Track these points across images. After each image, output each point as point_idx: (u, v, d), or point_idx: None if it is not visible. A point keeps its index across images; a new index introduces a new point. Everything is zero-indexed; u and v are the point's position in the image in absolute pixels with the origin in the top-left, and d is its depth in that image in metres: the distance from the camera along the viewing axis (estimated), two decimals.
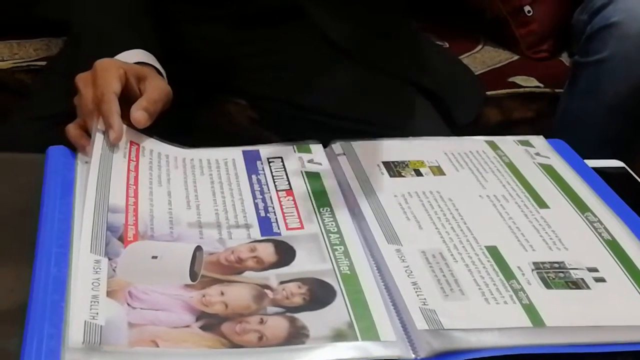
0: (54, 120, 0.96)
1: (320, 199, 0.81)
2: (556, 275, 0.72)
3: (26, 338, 0.61)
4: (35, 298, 0.65)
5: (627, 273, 0.73)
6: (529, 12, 1.70)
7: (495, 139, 0.95)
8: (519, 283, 0.71)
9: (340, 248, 0.74)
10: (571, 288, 0.71)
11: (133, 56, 0.92)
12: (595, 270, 0.73)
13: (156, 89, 0.88)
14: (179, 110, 0.91)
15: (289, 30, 1.12)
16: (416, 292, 0.68)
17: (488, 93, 1.56)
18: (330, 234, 0.76)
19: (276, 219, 0.78)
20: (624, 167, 0.94)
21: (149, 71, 0.91)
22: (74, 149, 0.85)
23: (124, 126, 0.83)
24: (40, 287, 0.66)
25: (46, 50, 1.57)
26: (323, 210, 0.80)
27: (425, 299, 0.68)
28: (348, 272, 0.70)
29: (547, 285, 0.71)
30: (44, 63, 1.52)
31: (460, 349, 0.62)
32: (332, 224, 0.78)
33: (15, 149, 0.89)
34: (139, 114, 0.84)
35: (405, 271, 0.71)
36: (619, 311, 0.68)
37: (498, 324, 0.65)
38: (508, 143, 0.94)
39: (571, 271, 0.73)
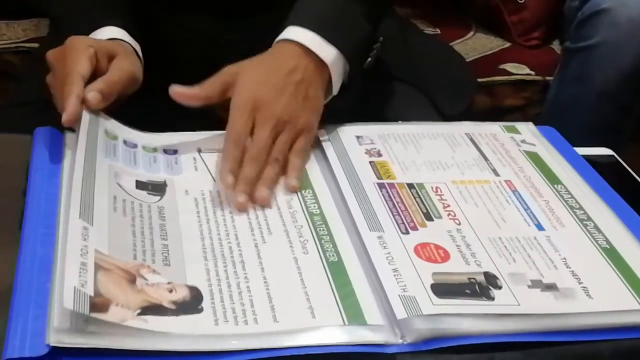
0: (43, 104, 0.95)
1: (303, 182, 0.81)
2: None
3: (11, 319, 0.60)
4: (21, 279, 0.64)
5: (611, 264, 0.72)
6: None
7: (482, 124, 0.94)
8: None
9: (326, 235, 0.73)
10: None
11: (106, 33, 0.91)
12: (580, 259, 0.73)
13: (118, 70, 0.86)
14: (161, 98, 0.90)
15: (266, 22, 1.12)
16: (396, 279, 0.68)
17: (479, 80, 1.56)
18: (313, 216, 0.76)
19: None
20: (613, 155, 0.94)
21: (121, 49, 0.89)
22: (62, 130, 0.84)
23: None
24: (26, 268, 0.65)
25: (35, 31, 1.55)
26: (305, 192, 0.80)
27: (405, 285, 0.67)
28: (335, 259, 0.70)
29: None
30: (32, 44, 1.51)
31: (448, 335, 0.62)
32: (314, 206, 0.77)
33: (4, 132, 0.88)
34: (91, 95, 0.82)
35: (387, 258, 0.71)
36: (604, 298, 0.68)
37: (482, 311, 0.65)
38: (494, 130, 0.93)
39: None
